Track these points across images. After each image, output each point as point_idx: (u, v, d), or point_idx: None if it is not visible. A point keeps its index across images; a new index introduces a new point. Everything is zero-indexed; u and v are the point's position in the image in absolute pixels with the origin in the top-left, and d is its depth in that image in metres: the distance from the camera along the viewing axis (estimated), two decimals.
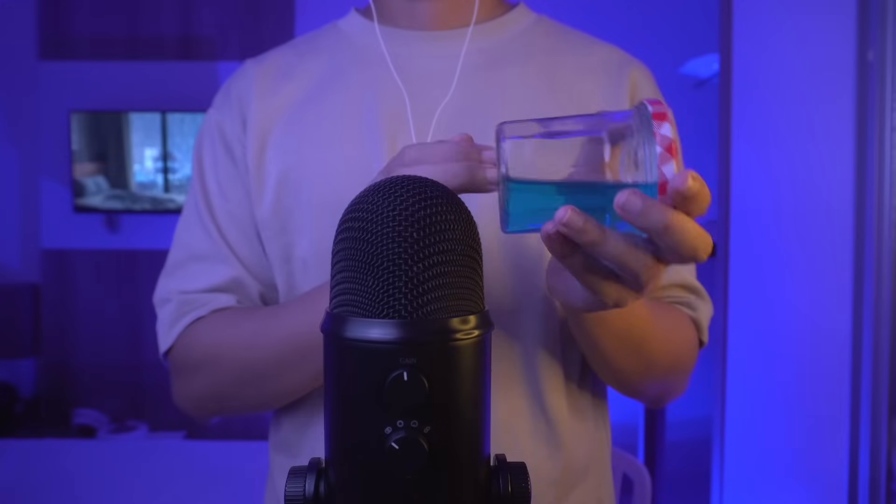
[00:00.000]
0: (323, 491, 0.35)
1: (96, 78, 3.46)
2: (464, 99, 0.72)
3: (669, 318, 0.74)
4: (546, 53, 0.76)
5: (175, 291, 0.76)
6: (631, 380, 0.72)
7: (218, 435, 3.37)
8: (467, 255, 0.35)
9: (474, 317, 0.35)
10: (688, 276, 0.78)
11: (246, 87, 0.78)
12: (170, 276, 0.77)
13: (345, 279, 0.35)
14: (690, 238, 0.44)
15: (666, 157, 0.44)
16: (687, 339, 0.75)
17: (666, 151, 0.44)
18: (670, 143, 0.44)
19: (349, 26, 0.79)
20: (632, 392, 0.75)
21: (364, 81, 0.74)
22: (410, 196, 0.34)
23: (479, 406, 0.35)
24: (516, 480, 0.36)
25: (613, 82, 0.75)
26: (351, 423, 0.34)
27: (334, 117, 0.73)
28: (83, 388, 3.49)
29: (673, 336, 0.73)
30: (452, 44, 0.75)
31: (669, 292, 0.77)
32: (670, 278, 0.77)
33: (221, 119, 0.78)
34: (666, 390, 0.77)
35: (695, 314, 0.77)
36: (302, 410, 0.74)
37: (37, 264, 3.55)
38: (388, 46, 0.75)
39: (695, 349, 0.77)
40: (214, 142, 0.78)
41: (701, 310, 0.77)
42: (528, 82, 0.73)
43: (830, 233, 2.02)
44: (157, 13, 3.49)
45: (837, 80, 1.99)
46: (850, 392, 2.02)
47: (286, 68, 0.78)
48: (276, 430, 0.79)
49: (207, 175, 0.78)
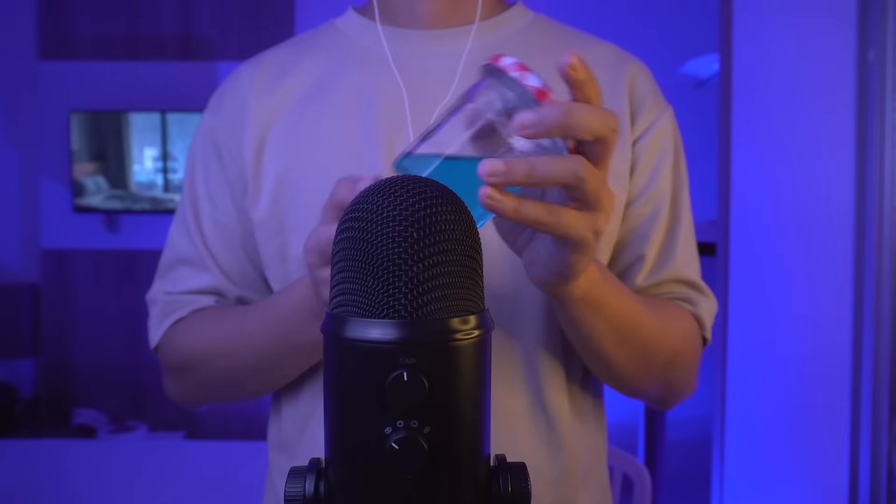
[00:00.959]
0: (323, 491, 0.35)
1: (96, 78, 3.46)
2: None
3: (665, 310, 0.72)
4: (544, 52, 0.75)
5: (161, 292, 0.80)
6: (629, 376, 0.71)
7: (218, 435, 3.37)
8: (467, 255, 0.35)
9: (474, 317, 0.35)
10: (686, 271, 0.77)
11: (243, 87, 0.77)
12: (160, 277, 0.82)
13: (345, 279, 0.35)
14: (594, 117, 0.45)
15: (536, 92, 0.46)
16: (687, 332, 0.74)
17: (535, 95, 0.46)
18: (538, 89, 0.46)
19: (347, 25, 0.79)
20: (633, 391, 0.74)
21: (363, 80, 0.74)
22: (410, 196, 0.34)
23: (479, 406, 0.35)
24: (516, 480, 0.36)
25: (611, 80, 0.74)
26: (351, 423, 0.34)
27: (333, 117, 0.73)
28: (83, 388, 3.49)
29: (670, 328, 0.71)
30: (452, 42, 0.74)
31: (667, 288, 0.76)
32: (667, 273, 0.76)
33: (214, 124, 0.79)
34: (669, 388, 0.75)
35: (696, 310, 0.75)
36: (301, 410, 0.74)
37: (37, 264, 3.55)
38: (387, 45, 0.75)
39: (696, 344, 0.75)
40: (206, 147, 0.79)
41: (703, 306, 0.76)
42: None
43: (831, 233, 2.02)
44: (157, 13, 3.49)
45: (837, 81, 1.99)
46: (850, 392, 2.02)
47: (284, 67, 0.77)
48: (275, 430, 0.79)
49: (197, 180, 0.79)
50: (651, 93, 0.76)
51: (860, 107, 1.98)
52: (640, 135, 0.75)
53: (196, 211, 0.79)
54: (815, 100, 2.01)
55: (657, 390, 0.75)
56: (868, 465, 1.98)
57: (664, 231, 0.76)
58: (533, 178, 0.44)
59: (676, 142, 0.78)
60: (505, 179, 0.44)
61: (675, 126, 0.78)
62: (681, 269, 0.76)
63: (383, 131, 0.71)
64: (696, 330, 0.76)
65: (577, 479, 0.74)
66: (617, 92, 0.74)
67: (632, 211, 0.75)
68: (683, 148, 0.79)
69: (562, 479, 0.72)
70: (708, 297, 0.77)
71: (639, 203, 0.75)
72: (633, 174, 0.74)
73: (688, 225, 0.78)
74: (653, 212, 0.75)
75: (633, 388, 0.73)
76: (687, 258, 0.77)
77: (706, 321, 0.76)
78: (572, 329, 0.65)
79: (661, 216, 0.75)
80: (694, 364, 0.76)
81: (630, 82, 0.75)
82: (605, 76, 0.75)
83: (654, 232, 0.75)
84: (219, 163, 0.77)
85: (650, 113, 0.75)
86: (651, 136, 0.75)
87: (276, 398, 0.79)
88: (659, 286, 0.76)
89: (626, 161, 0.74)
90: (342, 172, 0.70)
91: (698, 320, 0.76)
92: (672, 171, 0.77)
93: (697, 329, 0.76)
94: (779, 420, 2.06)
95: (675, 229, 0.76)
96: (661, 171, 0.75)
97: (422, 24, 0.75)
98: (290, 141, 0.73)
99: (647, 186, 0.75)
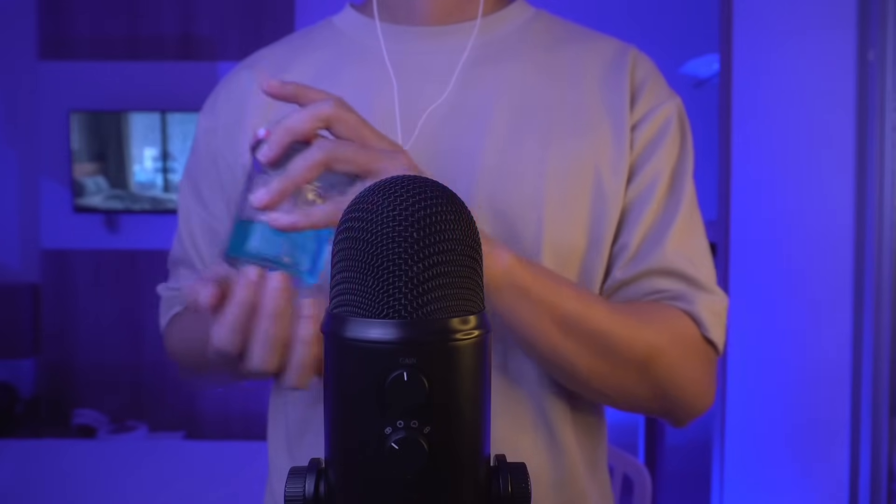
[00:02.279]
0: (323, 491, 0.35)
1: (96, 78, 3.45)
2: (457, 96, 0.71)
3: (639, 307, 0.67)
4: (544, 48, 0.75)
5: (164, 288, 0.84)
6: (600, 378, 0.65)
7: (218, 435, 3.37)
8: (467, 255, 0.35)
9: (474, 317, 0.35)
10: (677, 262, 0.70)
11: (241, 89, 0.77)
12: (170, 273, 0.85)
13: (345, 279, 0.35)
14: (307, 123, 0.53)
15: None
16: (673, 330, 0.67)
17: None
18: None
19: (344, 22, 0.79)
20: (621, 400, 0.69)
21: (358, 78, 0.73)
22: (410, 196, 0.34)
23: (479, 406, 0.35)
24: (516, 480, 0.36)
25: (612, 69, 0.73)
26: (351, 424, 0.34)
27: None
28: (83, 388, 3.49)
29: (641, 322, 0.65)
30: (450, 39, 0.74)
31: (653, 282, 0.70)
32: (650, 263, 0.69)
33: (209, 126, 0.79)
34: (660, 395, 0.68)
35: (690, 307, 0.68)
36: (301, 410, 0.74)
37: (37, 264, 3.55)
38: (384, 42, 0.74)
39: (691, 344, 0.68)
40: (200, 149, 0.79)
41: (700, 303, 0.69)
42: (524, 78, 0.72)
43: (831, 233, 2.02)
44: (157, 13, 3.49)
45: (837, 81, 1.99)
46: (850, 392, 2.02)
47: (281, 65, 0.77)
48: (274, 429, 0.79)
49: (191, 182, 0.80)
50: (652, 79, 0.74)
51: (860, 107, 1.98)
52: (639, 120, 0.72)
53: (188, 213, 0.80)
54: (815, 100, 2.01)
55: (645, 397, 0.68)
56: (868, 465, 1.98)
57: (651, 219, 0.71)
58: (295, 181, 0.51)
59: (683, 131, 0.74)
60: (276, 196, 0.51)
61: (681, 116, 0.75)
62: (669, 259, 0.69)
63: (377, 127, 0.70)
64: (691, 329, 0.68)
65: (578, 481, 0.73)
66: (619, 79, 0.73)
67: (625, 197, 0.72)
68: (692, 140, 0.74)
69: (563, 482, 0.72)
70: (709, 293, 0.70)
71: (629, 188, 0.71)
72: (630, 159, 0.71)
73: (688, 215, 0.72)
74: (639, 198, 0.71)
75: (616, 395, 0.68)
76: (682, 249, 0.70)
77: (706, 319, 0.69)
78: (512, 328, 0.62)
79: (650, 203, 0.71)
80: (689, 366, 0.68)
81: (631, 69, 0.73)
82: (605, 68, 0.74)
83: (639, 219, 0.71)
84: (213, 166, 0.77)
85: (650, 98, 0.73)
86: (649, 121, 0.72)
87: (276, 398, 0.79)
88: (642, 278, 0.70)
89: (624, 147, 0.71)
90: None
91: (693, 319, 0.69)
92: (668, 157, 0.72)
93: (693, 328, 0.69)
94: (779, 420, 2.06)
95: (667, 218, 0.71)
96: (653, 158, 0.71)
97: (420, 20, 0.75)
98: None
99: (636, 172, 0.72)
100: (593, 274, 0.71)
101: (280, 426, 0.77)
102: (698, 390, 0.69)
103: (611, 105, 0.72)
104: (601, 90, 0.72)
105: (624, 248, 0.71)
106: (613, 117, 0.71)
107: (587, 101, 0.72)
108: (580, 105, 0.71)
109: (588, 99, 0.72)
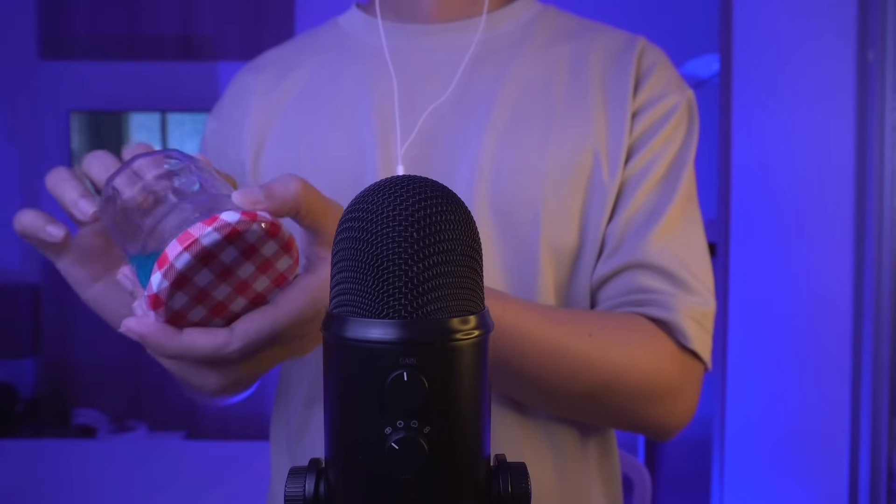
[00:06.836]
0: (323, 491, 0.35)
1: (96, 78, 3.45)
2: (459, 94, 0.71)
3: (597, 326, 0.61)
4: (549, 43, 0.74)
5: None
6: (550, 411, 0.64)
7: (218, 435, 3.37)
8: (467, 255, 0.35)
9: (474, 317, 0.35)
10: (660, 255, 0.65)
11: (245, 89, 0.78)
12: None
13: (344, 279, 0.35)
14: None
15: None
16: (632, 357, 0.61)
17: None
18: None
19: (349, 22, 0.79)
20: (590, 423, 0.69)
21: (360, 76, 0.73)
22: (410, 196, 0.34)
23: (479, 406, 0.35)
24: (516, 481, 0.36)
25: (620, 59, 0.72)
26: (351, 424, 0.34)
27: (330, 113, 0.73)
28: (83, 388, 3.49)
29: (587, 357, 0.59)
30: (454, 37, 0.73)
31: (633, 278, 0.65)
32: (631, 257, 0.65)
33: (214, 127, 0.80)
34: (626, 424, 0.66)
35: (665, 314, 0.64)
36: (301, 411, 0.74)
37: (37, 264, 3.55)
38: (388, 41, 0.74)
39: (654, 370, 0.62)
40: (207, 150, 0.80)
41: (681, 308, 0.64)
42: (526, 75, 0.72)
43: (830, 232, 2.02)
44: (157, 13, 3.49)
45: (837, 80, 1.99)
46: (850, 392, 2.02)
47: (286, 64, 0.78)
48: (275, 430, 0.79)
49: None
50: (660, 68, 0.72)
51: (860, 107, 1.98)
52: (641, 107, 0.70)
53: None
54: (814, 100, 2.01)
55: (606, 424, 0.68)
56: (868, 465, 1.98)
57: (638, 205, 0.68)
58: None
59: (690, 124, 0.72)
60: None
61: (691, 109, 0.72)
62: (652, 252, 0.65)
63: (378, 126, 0.70)
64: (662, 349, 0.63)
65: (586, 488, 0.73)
66: (624, 67, 0.71)
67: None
68: (698, 136, 0.72)
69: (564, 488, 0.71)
70: (692, 294, 0.65)
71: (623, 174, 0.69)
72: (628, 143, 0.69)
73: (681, 208, 0.68)
74: (629, 183, 0.68)
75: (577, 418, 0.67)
76: (669, 244, 0.66)
77: (688, 328, 0.64)
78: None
79: (639, 188, 0.68)
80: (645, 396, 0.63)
81: (638, 56, 0.72)
82: (611, 58, 0.73)
83: (626, 205, 0.68)
84: (218, 167, 0.78)
85: (656, 86, 0.71)
86: (653, 108, 0.70)
87: (278, 398, 0.79)
88: (624, 272, 0.67)
89: (623, 133, 0.69)
90: (338, 168, 0.70)
91: (674, 328, 0.64)
92: (667, 146, 0.70)
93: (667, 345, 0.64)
94: (779, 420, 2.06)
95: (658, 207, 0.68)
96: (650, 143, 0.69)
97: (424, 18, 0.75)
98: (287, 137, 0.73)
99: (631, 156, 0.69)
100: (590, 273, 0.70)
101: (281, 426, 0.78)
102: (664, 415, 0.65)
103: (613, 92, 0.71)
104: (604, 78, 0.71)
105: (610, 236, 0.68)
106: (614, 103, 0.70)
107: (588, 92, 0.71)
108: (581, 97, 0.71)
109: (589, 90, 0.71)
